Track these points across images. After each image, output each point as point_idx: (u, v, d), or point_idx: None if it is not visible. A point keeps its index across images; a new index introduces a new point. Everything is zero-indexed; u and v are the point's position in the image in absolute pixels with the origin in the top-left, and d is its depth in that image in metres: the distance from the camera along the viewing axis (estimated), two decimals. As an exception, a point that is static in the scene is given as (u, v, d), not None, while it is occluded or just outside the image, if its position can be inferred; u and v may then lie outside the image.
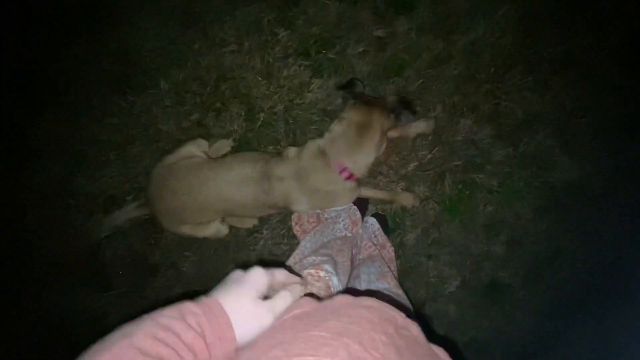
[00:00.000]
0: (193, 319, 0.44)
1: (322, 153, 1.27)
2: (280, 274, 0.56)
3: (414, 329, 0.50)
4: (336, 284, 0.87)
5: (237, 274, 0.53)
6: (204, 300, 0.48)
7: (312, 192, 1.32)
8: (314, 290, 0.78)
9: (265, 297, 0.52)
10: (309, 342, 0.40)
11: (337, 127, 1.28)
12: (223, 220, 1.52)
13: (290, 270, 0.62)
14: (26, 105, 1.68)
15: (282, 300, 0.52)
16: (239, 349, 0.47)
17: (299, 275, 0.63)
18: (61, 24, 1.69)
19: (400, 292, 1.13)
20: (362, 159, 1.27)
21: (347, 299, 0.53)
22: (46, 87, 1.68)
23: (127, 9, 1.69)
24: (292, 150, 1.36)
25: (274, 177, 1.30)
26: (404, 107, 1.36)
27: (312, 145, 1.31)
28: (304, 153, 1.31)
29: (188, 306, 0.45)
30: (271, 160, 1.34)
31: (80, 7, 1.68)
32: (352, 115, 1.27)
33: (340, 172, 1.26)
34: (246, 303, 0.49)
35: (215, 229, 1.48)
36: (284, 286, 0.55)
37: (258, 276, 0.52)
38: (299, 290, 0.55)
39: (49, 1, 1.69)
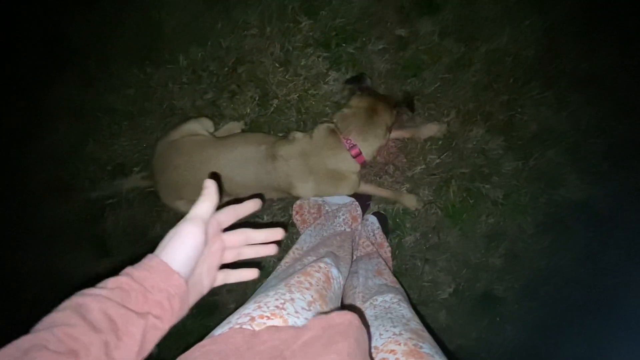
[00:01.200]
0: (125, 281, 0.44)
1: (332, 132, 1.32)
2: (224, 214, 0.56)
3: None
4: (336, 275, 0.88)
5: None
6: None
7: (317, 172, 1.34)
8: (313, 282, 0.78)
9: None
10: None
11: (347, 110, 1.34)
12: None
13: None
14: (46, 67, 1.71)
15: (199, 204, 0.52)
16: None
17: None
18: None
19: (397, 286, 1.13)
20: (370, 140, 1.32)
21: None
22: (67, 50, 1.71)
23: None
24: (298, 134, 1.38)
25: (279, 157, 1.32)
26: (405, 104, 1.41)
27: (323, 126, 1.36)
28: (314, 132, 1.35)
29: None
30: (277, 142, 1.36)
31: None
32: (360, 103, 1.34)
33: (350, 149, 1.29)
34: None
35: None
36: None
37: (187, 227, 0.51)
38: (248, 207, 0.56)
39: None
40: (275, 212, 1.75)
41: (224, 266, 0.57)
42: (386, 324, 0.79)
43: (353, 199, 1.58)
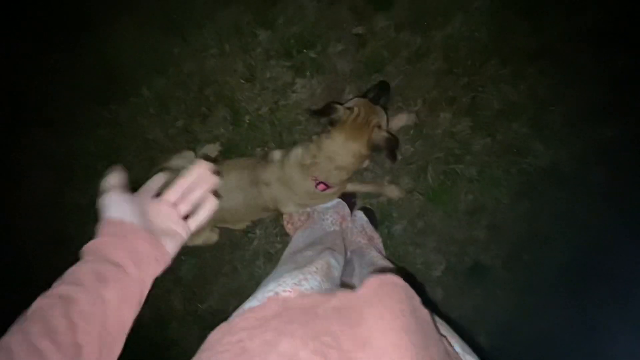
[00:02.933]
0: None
1: (301, 166, 1.29)
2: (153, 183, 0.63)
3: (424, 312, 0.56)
4: (334, 264, 0.97)
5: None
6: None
7: (297, 193, 1.37)
8: (318, 267, 0.87)
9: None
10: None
11: (316, 143, 1.28)
12: (212, 228, 1.56)
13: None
14: (9, 125, 1.66)
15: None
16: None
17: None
18: (35, 39, 1.66)
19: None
20: (337, 176, 1.29)
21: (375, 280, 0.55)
22: (27, 104, 1.66)
23: (102, 20, 1.67)
24: (276, 154, 1.39)
25: (261, 182, 1.35)
26: (385, 90, 1.39)
27: (293, 157, 1.32)
28: (285, 163, 1.33)
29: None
30: (257, 166, 1.38)
31: (53, 20, 1.65)
32: (330, 144, 1.24)
33: (317, 185, 1.29)
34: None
35: (205, 237, 1.52)
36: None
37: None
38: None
39: (24, 16, 1.65)
40: (267, 224, 1.80)
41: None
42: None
43: (339, 199, 1.64)
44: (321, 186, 1.30)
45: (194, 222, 0.62)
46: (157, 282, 1.57)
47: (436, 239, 1.79)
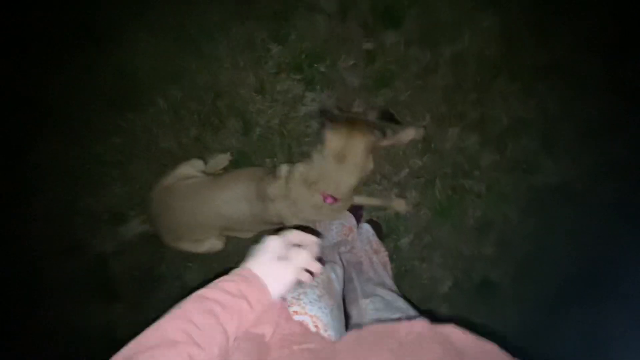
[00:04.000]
0: (233, 287, 0.57)
1: (306, 181, 1.28)
2: (293, 235, 0.68)
3: (418, 326, 0.59)
4: (334, 277, 1.00)
5: (255, 247, 0.66)
6: (237, 271, 0.61)
7: (303, 210, 1.35)
8: (319, 281, 0.89)
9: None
10: None
11: (317, 157, 1.26)
12: (219, 236, 1.58)
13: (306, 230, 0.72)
14: (27, 130, 1.73)
15: (299, 255, 0.64)
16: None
17: (316, 234, 0.73)
18: (55, 48, 1.73)
19: (392, 287, 1.23)
20: (344, 185, 1.25)
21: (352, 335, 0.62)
22: (45, 111, 1.72)
23: (120, 32, 1.73)
24: (283, 169, 1.36)
25: (267, 197, 1.34)
26: (388, 119, 1.36)
27: (297, 173, 1.31)
28: (290, 179, 1.32)
29: (224, 280, 0.59)
30: (264, 179, 1.37)
31: (73, 31, 1.72)
32: (332, 142, 1.22)
33: (324, 199, 1.27)
34: (270, 265, 0.62)
35: (210, 245, 1.54)
36: (300, 244, 0.67)
37: (272, 241, 0.65)
38: (314, 246, 0.67)
39: (40, 25, 1.73)
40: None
41: None
42: (386, 314, 0.92)
43: (346, 211, 1.65)
44: (329, 199, 1.29)
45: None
46: (166, 288, 1.59)
47: (443, 254, 1.79)
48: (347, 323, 0.97)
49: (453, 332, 0.57)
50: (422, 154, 1.75)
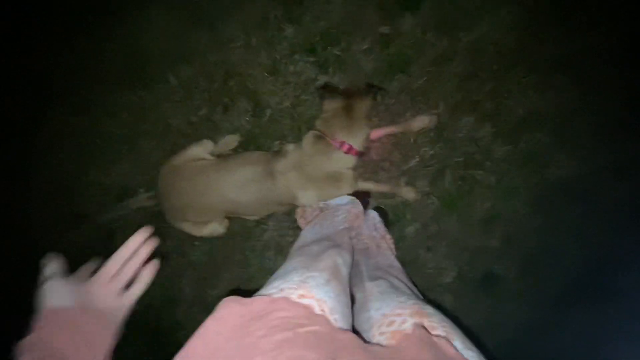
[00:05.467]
0: None
1: (319, 137, 1.36)
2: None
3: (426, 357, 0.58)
4: (340, 262, 0.98)
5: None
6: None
7: (315, 179, 1.39)
8: (326, 265, 0.89)
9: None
10: None
11: (325, 114, 1.38)
12: (222, 220, 1.58)
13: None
14: (39, 101, 1.73)
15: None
16: None
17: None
18: (69, 23, 1.72)
19: (400, 269, 1.24)
20: (356, 132, 1.35)
21: (357, 340, 0.61)
22: (58, 83, 1.73)
23: (134, 7, 1.71)
24: (290, 146, 1.43)
25: (277, 172, 1.37)
26: (376, 87, 1.45)
27: (309, 134, 1.40)
28: (303, 142, 1.39)
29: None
30: (272, 159, 1.40)
31: (87, 4, 1.71)
32: (333, 104, 1.37)
33: (340, 146, 1.34)
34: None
35: (212, 228, 1.54)
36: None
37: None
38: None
39: (56, 1, 1.71)
40: (280, 217, 1.81)
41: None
42: (392, 296, 0.91)
43: (353, 197, 1.64)
44: (345, 146, 1.34)
45: (133, 293, 0.64)
46: (170, 264, 1.61)
47: (449, 245, 1.78)
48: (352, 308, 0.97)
49: None
50: (434, 143, 1.73)
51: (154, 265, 0.66)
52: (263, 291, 0.75)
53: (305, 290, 0.73)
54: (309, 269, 0.84)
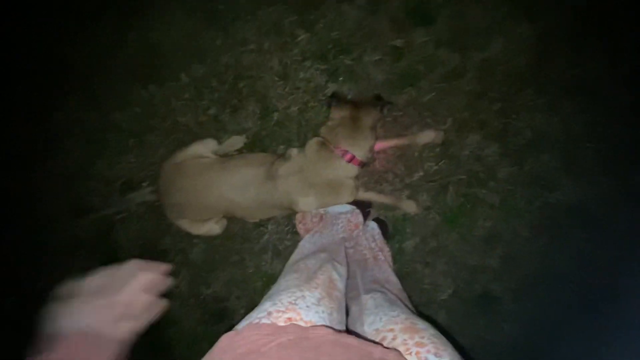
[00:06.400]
0: None
1: (323, 144, 1.37)
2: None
3: (391, 356, 0.57)
4: (336, 277, 0.99)
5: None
6: None
7: (316, 185, 1.38)
8: (320, 282, 0.89)
9: None
10: None
11: (331, 122, 1.39)
12: (220, 219, 1.58)
13: None
14: (51, 90, 1.76)
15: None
16: None
17: None
18: (87, 14, 1.75)
19: (397, 285, 1.23)
20: (360, 142, 1.36)
21: (329, 335, 0.60)
22: (71, 73, 1.75)
23: (152, 3, 1.74)
24: (294, 150, 1.43)
25: (278, 176, 1.37)
26: (382, 100, 1.46)
27: (313, 140, 1.40)
28: (306, 148, 1.40)
29: None
30: (275, 162, 1.41)
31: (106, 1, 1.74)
32: (340, 112, 1.38)
33: (343, 156, 1.34)
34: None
35: (208, 228, 1.55)
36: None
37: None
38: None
39: None
40: (279, 220, 1.81)
41: None
42: (385, 310, 0.90)
43: (354, 207, 1.64)
44: (348, 155, 1.34)
45: (133, 327, 0.57)
46: (168, 261, 1.60)
47: (447, 262, 1.76)
48: (346, 320, 0.96)
49: None
50: (439, 158, 1.73)
51: (161, 305, 0.60)
52: (253, 314, 0.74)
53: (294, 313, 0.72)
54: (300, 287, 0.83)
